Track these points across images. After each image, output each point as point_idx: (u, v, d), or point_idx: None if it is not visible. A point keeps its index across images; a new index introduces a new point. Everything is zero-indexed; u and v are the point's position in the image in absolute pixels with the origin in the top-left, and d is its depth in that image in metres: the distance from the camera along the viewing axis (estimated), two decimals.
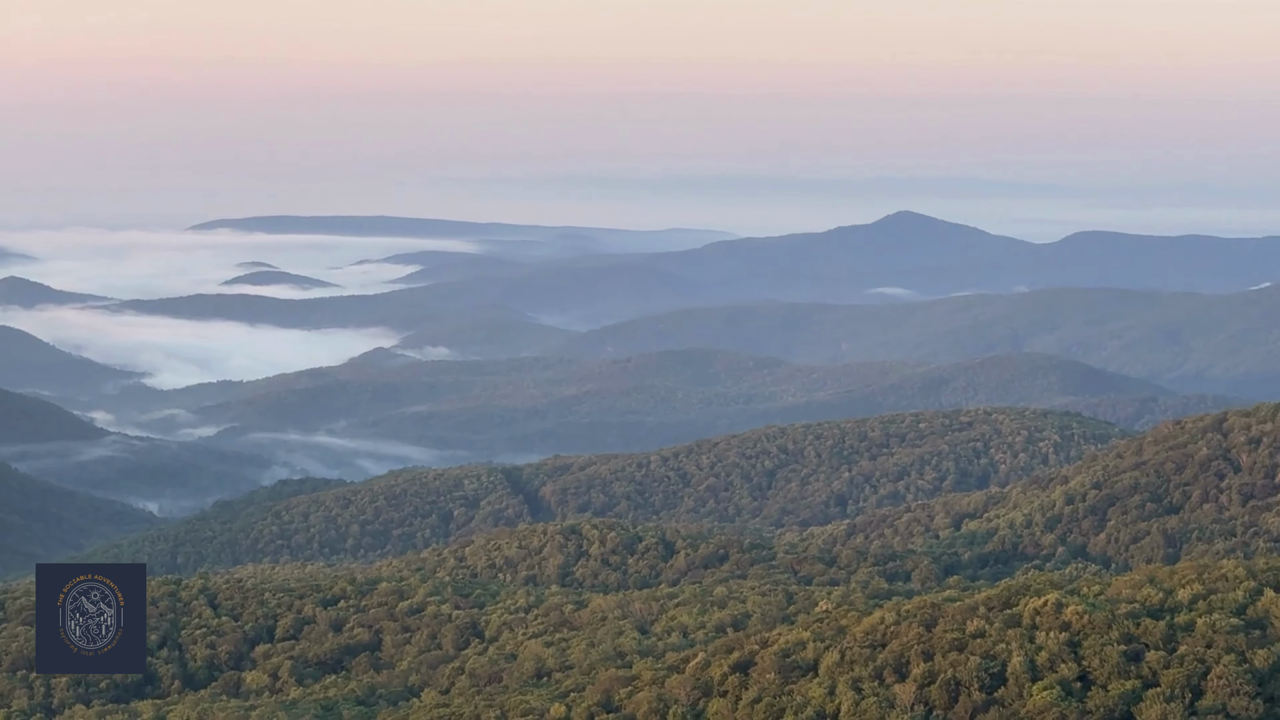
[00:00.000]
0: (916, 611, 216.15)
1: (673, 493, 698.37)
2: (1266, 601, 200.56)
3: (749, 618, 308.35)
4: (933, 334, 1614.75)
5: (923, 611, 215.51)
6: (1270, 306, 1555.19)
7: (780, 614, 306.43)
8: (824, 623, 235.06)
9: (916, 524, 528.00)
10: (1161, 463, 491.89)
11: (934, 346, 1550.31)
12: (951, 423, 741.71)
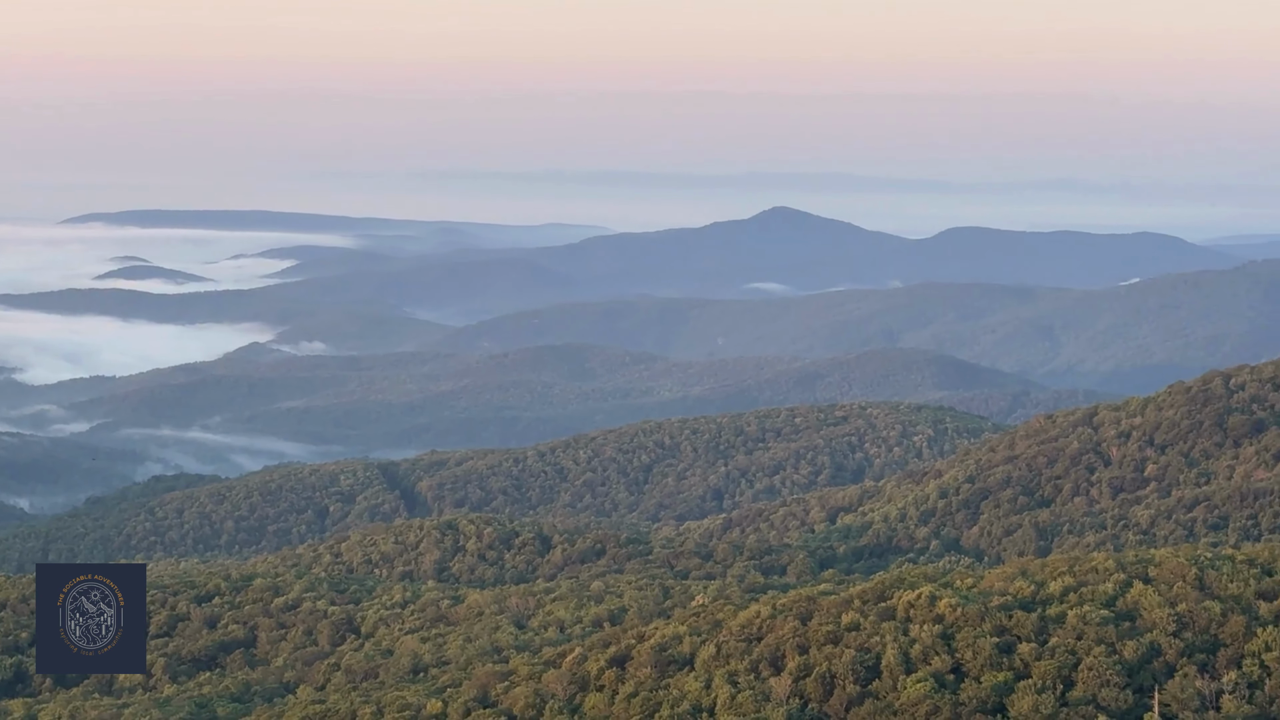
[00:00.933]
0: (792, 605, 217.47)
1: (549, 488, 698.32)
2: (1136, 594, 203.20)
3: (625, 612, 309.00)
4: (808, 329, 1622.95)
5: (798, 605, 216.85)
6: (1140, 301, 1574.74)
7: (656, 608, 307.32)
8: (700, 617, 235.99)
9: (792, 518, 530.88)
10: (1033, 456, 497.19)
11: (809, 341, 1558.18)
12: (826, 417, 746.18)
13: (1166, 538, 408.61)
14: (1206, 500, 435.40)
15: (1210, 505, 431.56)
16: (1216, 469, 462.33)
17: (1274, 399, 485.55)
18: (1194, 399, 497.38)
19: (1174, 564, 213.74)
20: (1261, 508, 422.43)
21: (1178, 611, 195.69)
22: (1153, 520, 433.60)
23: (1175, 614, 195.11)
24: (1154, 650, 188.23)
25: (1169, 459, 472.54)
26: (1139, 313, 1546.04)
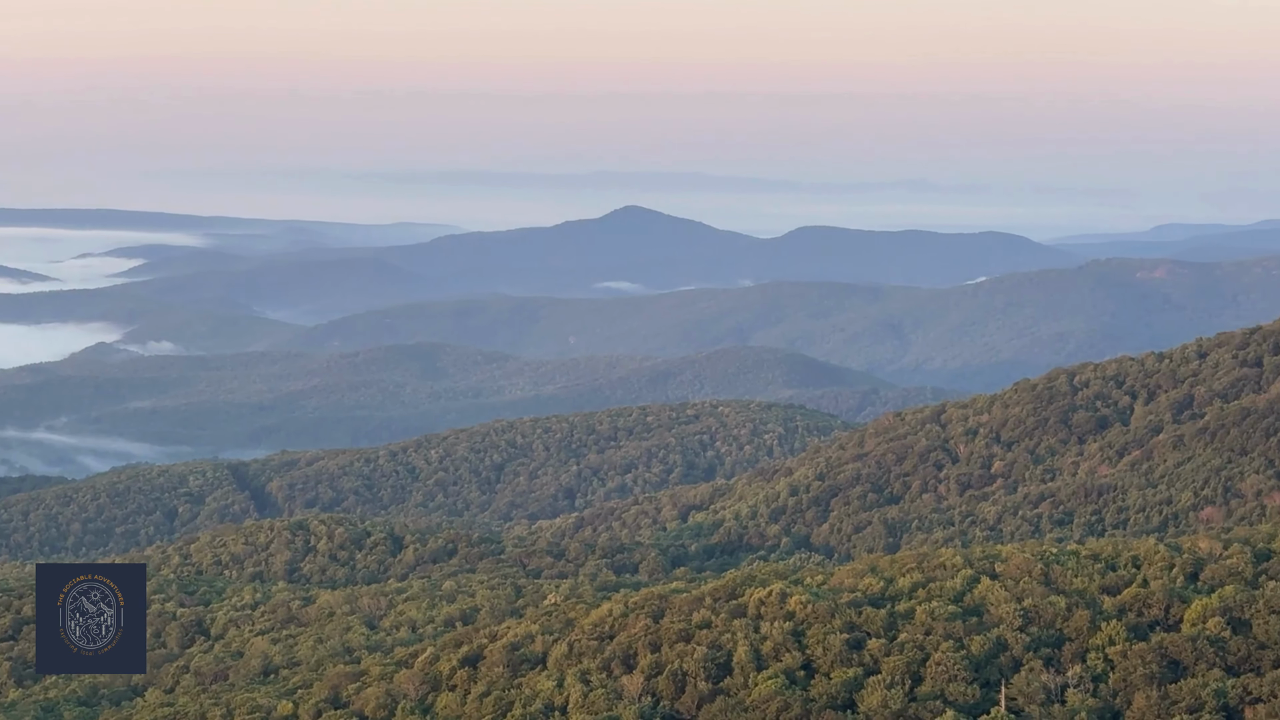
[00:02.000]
0: (644, 603, 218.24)
1: (401, 487, 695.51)
2: (983, 589, 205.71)
3: (477, 611, 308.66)
4: (659, 328, 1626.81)
5: (650, 603, 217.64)
6: (987, 300, 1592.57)
7: (509, 607, 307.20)
8: (552, 616, 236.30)
9: (644, 516, 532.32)
10: (882, 454, 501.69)
11: (661, 340, 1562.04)
12: (678, 416, 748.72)
13: (1013, 534, 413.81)
14: (1052, 496, 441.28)
15: (1055, 501, 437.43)
16: (1061, 465, 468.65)
17: (1117, 396, 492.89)
18: (1039, 396, 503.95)
19: (1020, 560, 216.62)
20: (1105, 503, 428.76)
21: (1024, 607, 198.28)
22: (999, 516, 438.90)
23: (1021, 609, 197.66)
24: (1001, 645, 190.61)
25: (1015, 456, 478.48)
26: (986, 311, 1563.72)
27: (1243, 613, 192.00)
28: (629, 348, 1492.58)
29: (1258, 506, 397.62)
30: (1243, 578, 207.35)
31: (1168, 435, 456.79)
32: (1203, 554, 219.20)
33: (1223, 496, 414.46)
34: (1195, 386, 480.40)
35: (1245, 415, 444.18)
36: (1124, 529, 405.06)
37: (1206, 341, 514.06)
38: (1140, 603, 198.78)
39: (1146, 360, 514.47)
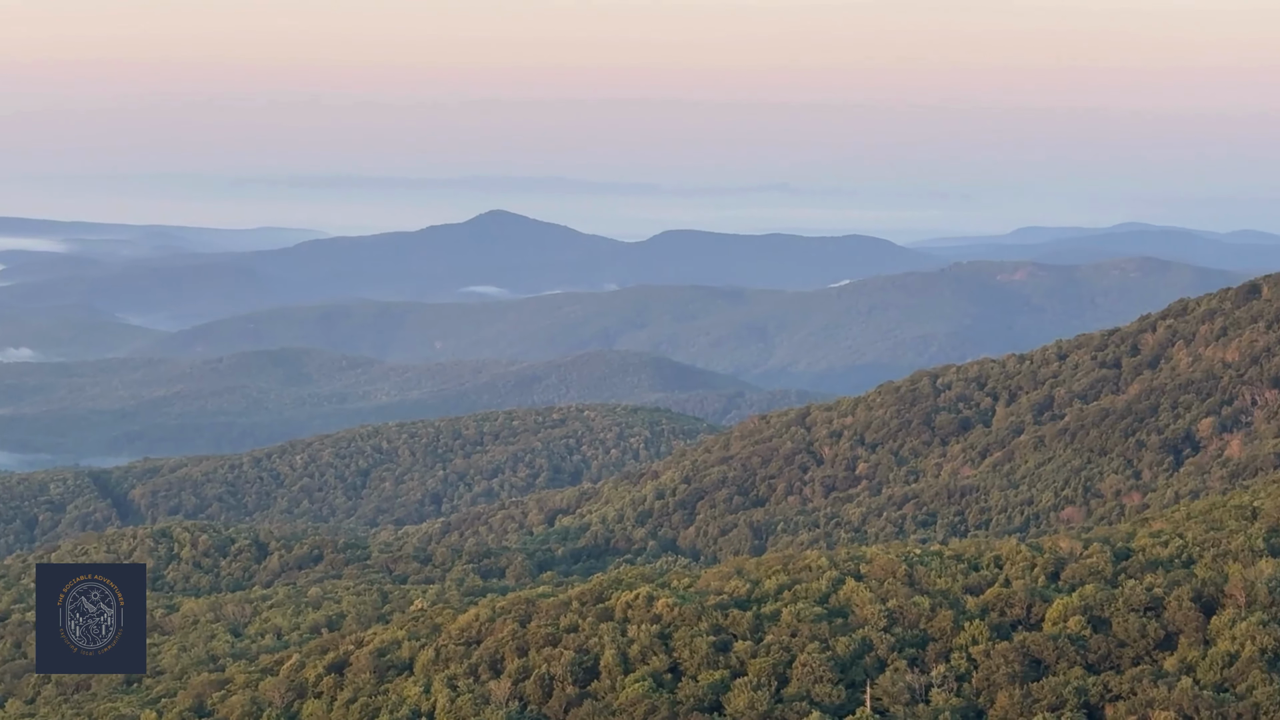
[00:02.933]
0: (511, 608, 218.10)
1: (266, 494, 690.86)
2: (848, 590, 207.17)
3: (344, 618, 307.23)
4: (525, 332, 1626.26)
5: (517, 608, 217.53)
6: (850, 303, 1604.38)
7: (375, 613, 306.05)
8: (419, 621, 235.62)
9: (511, 520, 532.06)
10: (748, 457, 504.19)
11: (527, 344, 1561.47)
12: (544, 420, 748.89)
13: (877, 535, 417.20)
14: (915, 498, 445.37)
15: (919, 502, 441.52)
16: (925, 467, 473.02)
17: (979, 398, 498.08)
18: (903, 398, 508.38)
19: (884, 561, 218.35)
20: (968, 504, 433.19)
21: (888, 607, 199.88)
22: (864, 518, 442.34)
23: (886, 610, 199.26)
24: (866, 646, 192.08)
25: (879, 457, 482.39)
26: (849, 314, 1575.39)
27: (1103, 611, 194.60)
28: (495, 352, 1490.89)
29: (1117, 506, 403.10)
30: (1103, 577, 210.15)
31: (1029, 436, 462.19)
32: (1063, 554, 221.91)
33: (1083, 496, 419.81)
34: (1055, 388, 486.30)
35: (1104, 416, 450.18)
36: (986, 529, 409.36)
37: (1066, 343, 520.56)
38: (1003, 602, 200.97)
39: (1008, 362, 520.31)
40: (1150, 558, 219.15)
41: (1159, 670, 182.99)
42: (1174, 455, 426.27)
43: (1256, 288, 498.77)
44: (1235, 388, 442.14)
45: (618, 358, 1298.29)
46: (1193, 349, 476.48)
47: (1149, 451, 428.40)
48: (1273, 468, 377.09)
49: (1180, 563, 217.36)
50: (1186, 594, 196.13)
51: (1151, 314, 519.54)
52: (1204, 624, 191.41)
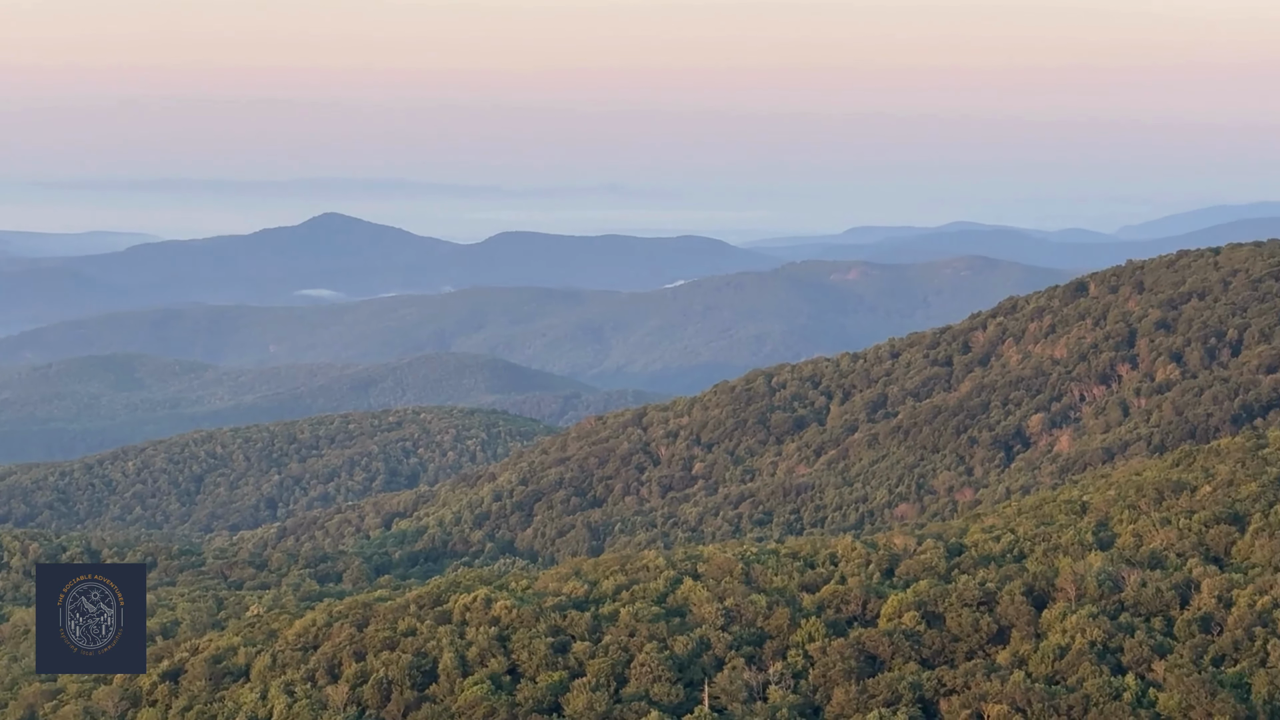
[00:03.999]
0: (348, 612, 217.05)
1: (98, 500, 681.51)
2: (686, 590, 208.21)
3: (178, 625, 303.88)
4: (360, 335, 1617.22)
5: (354, 612, 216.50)
6: (685, 303, 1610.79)
7: (210, 620, 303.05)
8: (255, 627, 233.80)
9: (347, 525, 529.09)
10: (585, 458, 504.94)
11: (362, 347, 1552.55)
12: (380, 423, 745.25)
13: (714, 534, 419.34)
14: (752, 496, 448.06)
15: (755, 501, 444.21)
16: (761, 465, 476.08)
17: (813, 396, 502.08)
18: (738, 398, 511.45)
19: (721, 560, 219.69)
20: (804, 502, 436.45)
21: (726, 606, 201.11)
22: (701, 517, 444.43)
23: (723, 609, 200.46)
24: (703, 644, 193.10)
25: (715, 457, 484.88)
26: (684, 314, 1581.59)
27: (937, 607, 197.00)
28: (330, 355, 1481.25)
29: (950, 502, 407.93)
30: (936, 572, 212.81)
31: (863, 434, 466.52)
32: (898, 550, 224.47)
33: (916, 493, 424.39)
34: (888, 386, 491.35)
35: (936, 413, 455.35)
36: (822, 527, 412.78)
37: (899, 341, 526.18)
38: (838, 599, 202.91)
39: (841, 361, 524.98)
40: (983, 553, 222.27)
41: (992, 664, 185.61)
42: (1005, 451, 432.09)
43: (1083, 286, 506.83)
44: (1064, 384, 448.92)
45: (454, 360, 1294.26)
46: (1022, 346, 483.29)
47: (980, 448, 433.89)
48: (1101, 462, 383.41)
49: (1012, 557, 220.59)
50: (1018, 588, 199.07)
51: (982, 312, 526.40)
52: (1035, 618, 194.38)
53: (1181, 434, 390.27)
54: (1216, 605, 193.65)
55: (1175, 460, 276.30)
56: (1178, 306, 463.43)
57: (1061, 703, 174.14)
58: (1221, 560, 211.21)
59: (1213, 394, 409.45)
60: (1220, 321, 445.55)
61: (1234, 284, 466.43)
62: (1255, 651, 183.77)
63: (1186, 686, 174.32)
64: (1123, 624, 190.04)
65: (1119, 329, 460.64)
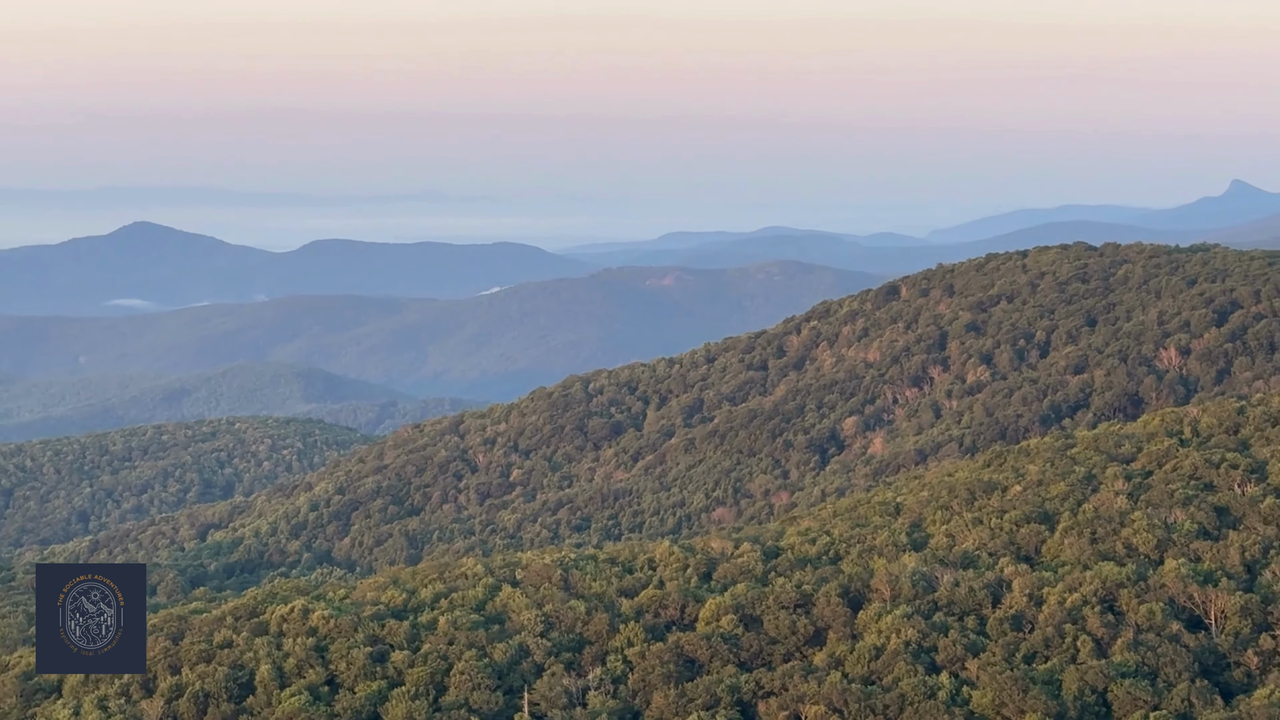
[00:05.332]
0: (163, 625, 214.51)
1: None
2: (504, 597, 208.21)
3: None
4: (173, 345, 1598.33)
5: (169, 625, 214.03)
6: (502, 310, 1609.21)
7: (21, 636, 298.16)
8: None
9: (161, 537, 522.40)
10: (402, 466, 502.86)
11: (175, 357, 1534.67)
12: (194, 434, 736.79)
13: (533, 540, 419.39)
14: (570, 503, 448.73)
15: (573, 507, 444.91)
16: (578, 472, 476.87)
17: (630, 402, 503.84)
18: (555, 404, 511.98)
19: (540, 566, 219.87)
20: (621, 507, 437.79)
21: (545, 612, 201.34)
22: (519, 524, 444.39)
23: (542, 615, 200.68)
24: (523, 651, 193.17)
25: (533, 463, 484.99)
26: (501, 321, 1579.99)
27: (754, 610, 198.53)
28: (142, 366, 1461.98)
29: (766, 505, 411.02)
30: (753, 575, 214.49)
31: (679, 439, 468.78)
32: (715, 554, 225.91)
33: (733, 497, 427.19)
34: (705, 390, 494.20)
35: (752, 417, 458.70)
36: (640, 532, 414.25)
37: (714, 346, 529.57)
38: (657, 604, 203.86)
39: (658, 366, 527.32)
40: (799, 555, 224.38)
41: (809, 665, 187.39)
42: (820, 454, 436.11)
43: (895, 289, 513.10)
44: (877, 387, 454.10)
45: (269, 369, 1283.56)
46: (836, 350, 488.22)
47: (796, 451, 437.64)
48: (914, 464, 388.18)
49: (828, 559, 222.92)
50: (834, 590, 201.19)
51: (796, 316, 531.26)
52: (851, 619, 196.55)
53: (992, 435, 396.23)
54: (1028, 603, 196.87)
55: (986, 461, 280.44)
56: (987, 309, 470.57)
57: (878, 702, 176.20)
58: (1032, 559, 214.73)
59: (1022, 395, 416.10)
60: (1029, 323, 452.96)
61: (1041, 286, 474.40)
62: (1066, 648, 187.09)
63: (999, 684, 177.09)
64: (937, 623, 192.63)
65: (930, 332, 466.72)
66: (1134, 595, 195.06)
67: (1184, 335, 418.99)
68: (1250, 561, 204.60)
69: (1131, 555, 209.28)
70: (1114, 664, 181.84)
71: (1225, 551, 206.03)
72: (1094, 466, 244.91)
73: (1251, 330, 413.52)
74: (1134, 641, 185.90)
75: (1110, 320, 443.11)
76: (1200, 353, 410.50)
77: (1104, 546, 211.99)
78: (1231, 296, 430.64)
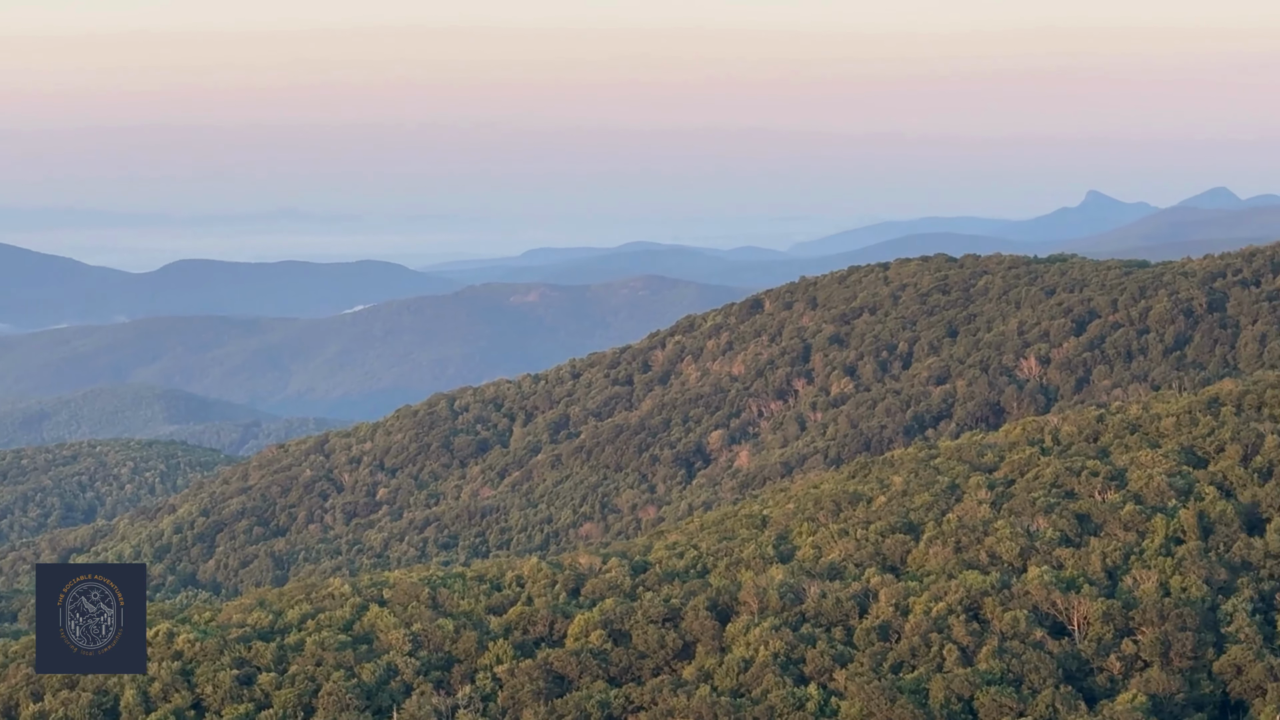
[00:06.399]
0: (24, 652, 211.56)
1: None
2: (372, 616, 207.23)
3: None
4: (32, 367, 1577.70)
5: (30, 652, 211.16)
6: (365, 329, 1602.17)
7: None
8: None
9: (22, 562, 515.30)
10: (267, 487, 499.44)
11: (34, 380, 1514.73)
12: (55, 457, 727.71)
13: (400, 559, 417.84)
14: (437, 520, 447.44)
15: (441, 525, 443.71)
16: (445, 489, 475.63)
17: (496, 419, 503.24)
18: (421, 422, 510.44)
19: (407, 585, 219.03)
20: (489, 524, 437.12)
21: (413, 631, 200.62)
22: (386, 543, 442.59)
23: (410, 634, 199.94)
24: (391, 671, 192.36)
25: (400, 482, 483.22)
26: (365, 340, 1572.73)
27: (623, 625, 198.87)
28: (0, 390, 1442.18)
29: (633, 520, 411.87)
30: (621, 590, 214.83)
31: (546, 455, 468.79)
32: (583, 570, 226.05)
33: (600, 512, 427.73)
34: (570, 406, 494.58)
35: (618, 433, 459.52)
36: (508, 549, 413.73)
37: (579, 362, 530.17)
38: (525, 621, 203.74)
39: (523, 382, 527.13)
40: (667, 570, 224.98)
41: (678, 679, 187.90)
42: (686, 468, 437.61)
43: (759, 302, 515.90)
44: (742, 400, 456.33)
45: (130, 391, 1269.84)
46: (701, 364, 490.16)
47: (662, 465, 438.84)
48: (780, 476, 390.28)
49: (695, 573, 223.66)
50: (702, 603, 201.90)
51: (661, 331, 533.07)
52: (720, 632, 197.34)
53: (856, 446, 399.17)
54: (894, 613, 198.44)
55: (851, 472, 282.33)
56: (850, 321, 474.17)
57: (746, 715, 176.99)
58: (898, 569, 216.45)
59: (886, 406, 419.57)
60: (891, 335, 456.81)
61: (903, 298, 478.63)
62: (932, 657, 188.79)
63: (867, 694, 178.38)
64: (804, 635, 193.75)
65: (794, 345, 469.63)
66: (998, 603, 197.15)
67: (1044, 345, 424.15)
68: (1111, 568, 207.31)
69: (995, 563, 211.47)
70: (979, 672, 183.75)
71: (1087, 558, 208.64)
72: (957, 476, 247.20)
73: (1109, 339, 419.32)
74: (999, 649, 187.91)
75: (971, 331, 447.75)
76: (1060, 362, 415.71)
77: (968, 555, 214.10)
78: (1089, 306, 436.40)
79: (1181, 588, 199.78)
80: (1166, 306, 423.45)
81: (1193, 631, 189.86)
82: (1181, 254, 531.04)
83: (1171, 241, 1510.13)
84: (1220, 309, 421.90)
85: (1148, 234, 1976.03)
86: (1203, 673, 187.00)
